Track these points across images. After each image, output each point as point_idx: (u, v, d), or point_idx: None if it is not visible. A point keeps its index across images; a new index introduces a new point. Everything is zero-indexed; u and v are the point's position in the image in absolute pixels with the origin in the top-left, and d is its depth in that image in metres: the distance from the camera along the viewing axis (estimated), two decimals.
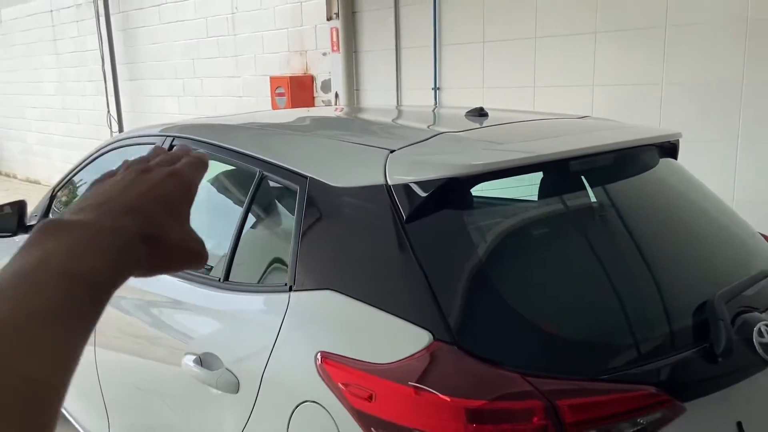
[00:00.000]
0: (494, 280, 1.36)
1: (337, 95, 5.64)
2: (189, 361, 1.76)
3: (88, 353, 2.20)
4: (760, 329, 1.45)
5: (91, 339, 2.01)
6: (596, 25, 3.90)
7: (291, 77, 6.09)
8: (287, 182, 1.74)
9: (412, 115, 2.58)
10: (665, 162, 1.89)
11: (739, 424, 1.42)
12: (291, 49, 6.29)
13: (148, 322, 2.08)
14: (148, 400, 2.08)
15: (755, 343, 1.43)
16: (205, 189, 2.29)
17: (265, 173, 1.81)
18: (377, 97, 5.37)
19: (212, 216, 2.24)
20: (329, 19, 5.52)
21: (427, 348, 1.26)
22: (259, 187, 1.83)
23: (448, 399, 1.19)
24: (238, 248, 1.82)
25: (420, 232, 1.39)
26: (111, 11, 8.46)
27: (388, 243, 1.41)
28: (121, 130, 8.43)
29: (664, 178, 1.87)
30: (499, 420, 1.18)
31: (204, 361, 1.73)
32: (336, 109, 4.68)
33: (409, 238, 1.38)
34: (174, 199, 0.51)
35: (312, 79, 6.13)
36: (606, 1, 3.84)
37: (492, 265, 1.40)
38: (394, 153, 1.53)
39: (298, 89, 6.08)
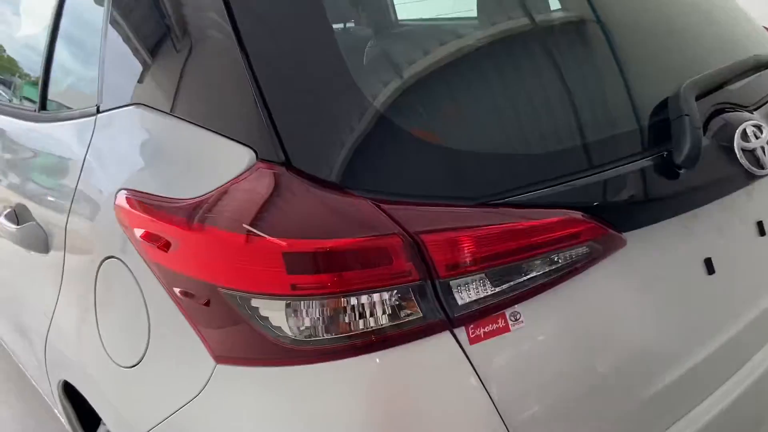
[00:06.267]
0: (352, 74, 0.91)
1: None
2: (2, 218, 1.37)
3: None
4: (744, 131, 1.03)
5: None
6: None
7: None
8: None
9: None
10: None
11: (708, 261, 1.04)
12: None
13: None
14: None
15: (736, 150, 1.01)
16: None
17: None
18: None
19: (14, 44, 1.78)
20: None
21: (247, 172, 0.85)
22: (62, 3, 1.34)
23: (275, 241, 0.79)
24: (51, 74, 1.36)
25: (252, 17, 0.92)
26: None
27: (207, 35, 0.95)
28: None
29: None
30: (344, 267, 0.79)
31: (20, 215, 1.34)
32: None
33: (237, 27, 0.91)
34: None
35: None
36: None
37: (349, 53, 0.95)
38: None
39: None
